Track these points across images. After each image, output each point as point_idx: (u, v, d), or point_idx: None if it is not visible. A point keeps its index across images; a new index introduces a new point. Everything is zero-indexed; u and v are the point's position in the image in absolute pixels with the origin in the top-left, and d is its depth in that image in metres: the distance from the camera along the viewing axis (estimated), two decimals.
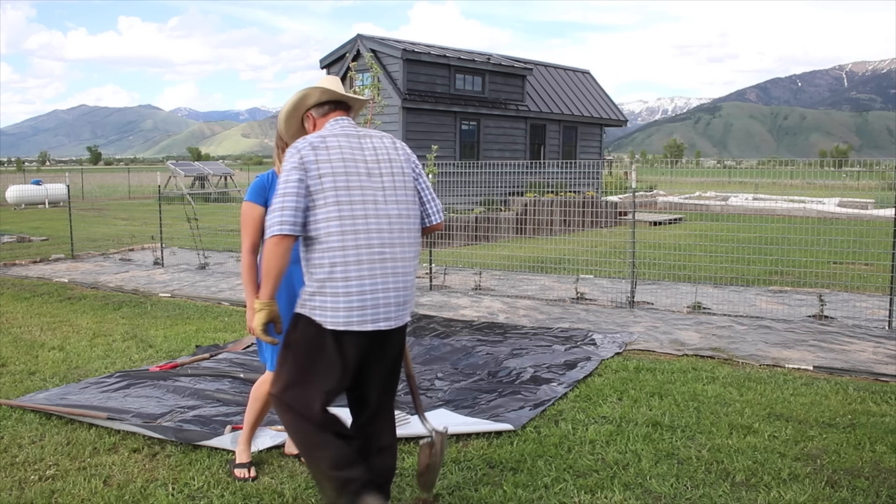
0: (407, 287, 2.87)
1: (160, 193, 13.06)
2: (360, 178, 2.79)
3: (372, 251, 2.74)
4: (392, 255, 2.80)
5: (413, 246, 2.90)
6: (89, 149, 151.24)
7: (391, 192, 2.85)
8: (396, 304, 2.81)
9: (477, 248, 13.08)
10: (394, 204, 2.85)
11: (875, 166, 25.21)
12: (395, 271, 2.81)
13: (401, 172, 2.91)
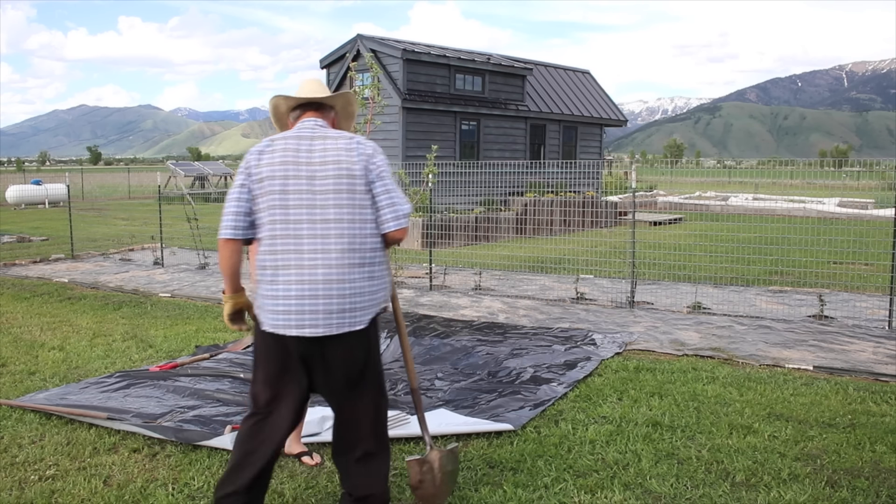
0: (342, 294, 2.71)
1: (160, 193, 13.06)
2: (299, 180, 2.74)
3: (301, 256, 2.70)
4: (325, 260, 2.70)
5: (354, 252, 2.74)
6: (89, 149, 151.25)
7: (333, 196, 2.73)
8: (326, 312, 2.69)
9: (477, 248, 13.08)
10: (334, 208, 2.73)
11: (875, 166, 25.23)
12: (326, 278, 2.69)
13: (347, 175, 2.75)
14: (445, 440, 4.09)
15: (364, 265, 2.77)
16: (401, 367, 5.78)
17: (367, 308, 2.78)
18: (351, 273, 2.72)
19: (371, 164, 2.81)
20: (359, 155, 2.80)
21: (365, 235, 2.78)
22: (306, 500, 3.45)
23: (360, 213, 2.77)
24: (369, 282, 2.79)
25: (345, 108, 3.12)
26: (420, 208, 10.97)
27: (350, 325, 2.74)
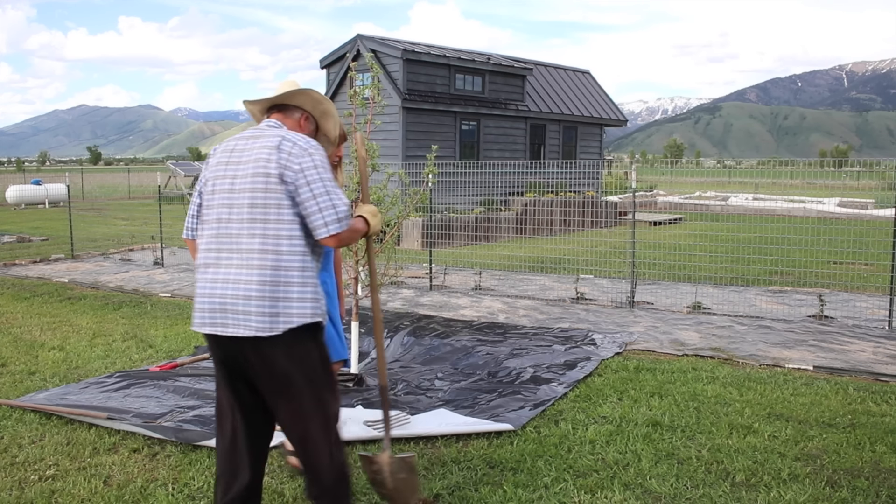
0: (248, 297, 2.61)
1: (160, 193, 13.06)
2: (224, 181, 2.73)
3: (219, 255, 2.70)
4: (229, 260, 2.67)
5: (265, 254, 2.63)
6: (89, 149, 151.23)
7: (248, 196, 2.67)
8: (233, 313, 2.64)
9: (477, 248, 13.08)
10: (246, 208, 2.66)
11: (875, 166, 25.22)
12: (236, 278, 2.64)
13: (263, 174, 2.65)
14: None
15: (279, 268, 2.64)
16: (401, 367, 5.79)
17: (279, 314, 2.62)
18: (262, 275, 2.62)
19: (292, 165, 2.65)
20: (279, 153, 2.67)
21: (280, 237, 2.65)
22: (306, 500, 3.45)
23: (275, 214, 2.65)
24: (284, 287, 2.64)
25: (315, 108, 2.96)
26: (420, 208, 10.97)
27: (257, 329, 2.61)
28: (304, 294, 2.67)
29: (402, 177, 5.70)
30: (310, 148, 2.72)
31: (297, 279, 2.66)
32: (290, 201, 2.66)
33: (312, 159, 2.68)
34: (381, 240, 5.60)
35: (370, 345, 6.35)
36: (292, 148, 2.69)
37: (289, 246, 2.66)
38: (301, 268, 2.67)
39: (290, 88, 2.91)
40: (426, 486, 3.54)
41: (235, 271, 2.65)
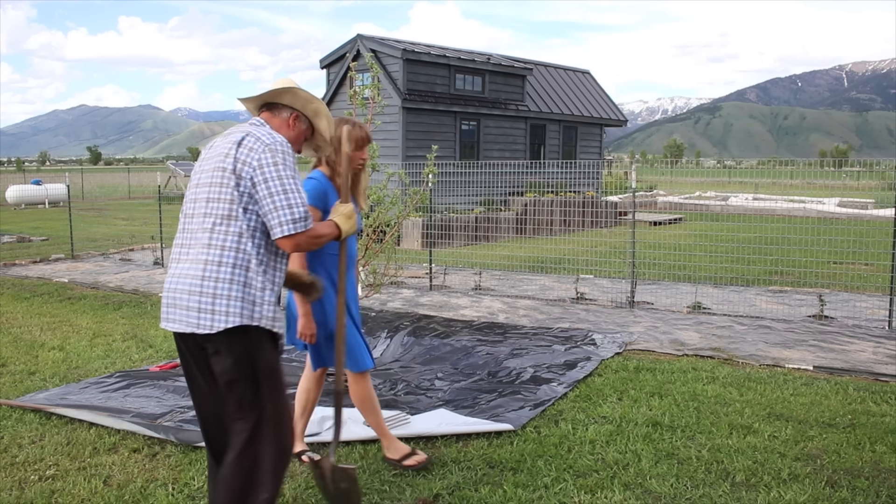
0: (192, 292, 2.59)
1: (160, 193, 13.06)
2: (194, 177, 2.75)
3: (180, 251, 2.70)
4: (183, 256, 2.67)
5: (212, 249, 2.59)
6: (89, 149, 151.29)
7: (206, 191, 2.65)
8: (181, 308, 2.62)
9: (477, 248, 13.08)
10: (203, 203, 2.64)
11: (875, 166, 25.23)
12: (184, 272, 2.63)
13: (221, 170, 2.62)
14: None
15: (221, 265, 2.58)
16: (401, 367, 5.79)
17: (219, 313, 2.56)
18: (205, 271, 2.57)
19: (250, 161, 2.59)
20: (238, 149, 2.62)
21: (227, 234, 2.59)
22: (306, 500, 3.45)
23: (226, 210, 2.60)
24: (227, 285, 2.57)
25: (305, 107, 2.87)
26: (420, 208, 10.97)
27: (196, 326, 2.58)
28: (245, 294, 2.59)
29: (402, 177, 5.70)
30: (272, 144, 2.63)
31: (239, 278, 2.58)
32: (246, 198, 2.60)
33: (273, 156, 2.60)
34: (380, 240, 5.60)
35: (370, 345, 6.35)
36: (253, 143, 2.62)
37: (235, 243, 2.59)
38: (245, 267, 2.60)
39: (282, 86, 2.84)
40: (426, 486, 3.54)
41: (185, 266, 2.64)
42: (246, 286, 2.60)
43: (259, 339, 2.64)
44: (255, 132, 2.67)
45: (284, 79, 2.93)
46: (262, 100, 2.85)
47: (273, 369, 2.70)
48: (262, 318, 2.62)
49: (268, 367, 2.68)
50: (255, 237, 2.62)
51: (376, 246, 5.49)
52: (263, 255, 2.65)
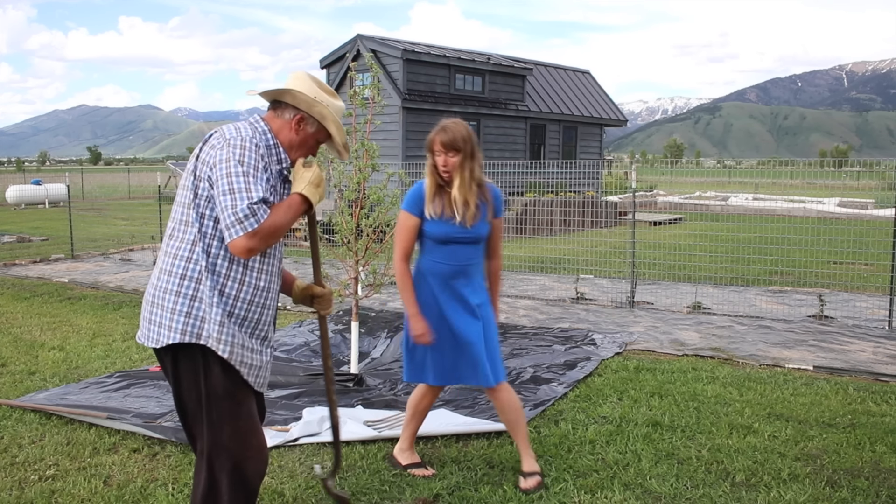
0: (148, 301, 2.45)
1: (160, 193, 13.07)
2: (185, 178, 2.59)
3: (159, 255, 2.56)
4: (158, 263, 2.52)
5: (169, 257, 2.42)
6: (89, 149, 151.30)
7: (180, 192, 2.48)
8: (142, 319, 2.50)
9: None
10: (176, 205, 2.49)
11: (875, 166, 25.23)
12: (151, 281, 2.50)
13: (185, 173, 2.47)
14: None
15: (172, 275, 2.40)
16: (400, 367, 5.78)
17: (166, 326, 2.39)
18: (160, 280, 2.42)
19: (209, 159, 2.38)
20: (203, 147, 2.45)
21: (182, 240, 2.41)
22: (306, 500, 3.45)
23: (184, 215, 2.42)
24: (173, 297, 2.38)
25: (310, 110, 2.56)
26: None
27: (147, 338, 2.45)
28: (191, 309, 2.38)
29: (402, 177, 5.69)
30: (232, 139, 2.38)
31: (186, 290, 2.39)
32: (203, 202, 2.39)
33: (228, 151, 2.34)
34: (380, 240, 5.60)
35: (370, 345, 6.35)
36: (216, 140, 2.42)
37: (187, 252, 2.40)
38: (194, 279, 2.39)
39: (291, 81, 2.58)
40: (426, 486, 3.54)
41: (153, 272, 2.52)
42: (193, 300, 2.38)
43: (206, 359, 2.42)
44: (226, 128, 2.46)
45: (298, 73, 2.64)
46: (268, 97, 2.61)
47: (226, 394, 2.46)
48: (209, 337, 2.38)
49: (218, 391, 2.45)
50: (212, 245, 2.40)
51: (376, 246, 5.49)
52: (221, 265, 2.41)
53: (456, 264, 3.41)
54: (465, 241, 3.39)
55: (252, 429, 2.54)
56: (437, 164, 3.34)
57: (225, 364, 2.44)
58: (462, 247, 3.40)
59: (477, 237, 3.41)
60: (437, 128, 3.36)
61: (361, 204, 5.33)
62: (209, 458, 2.50)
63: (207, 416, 2.46)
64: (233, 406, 2.48)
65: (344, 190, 5.39)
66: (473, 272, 3.47)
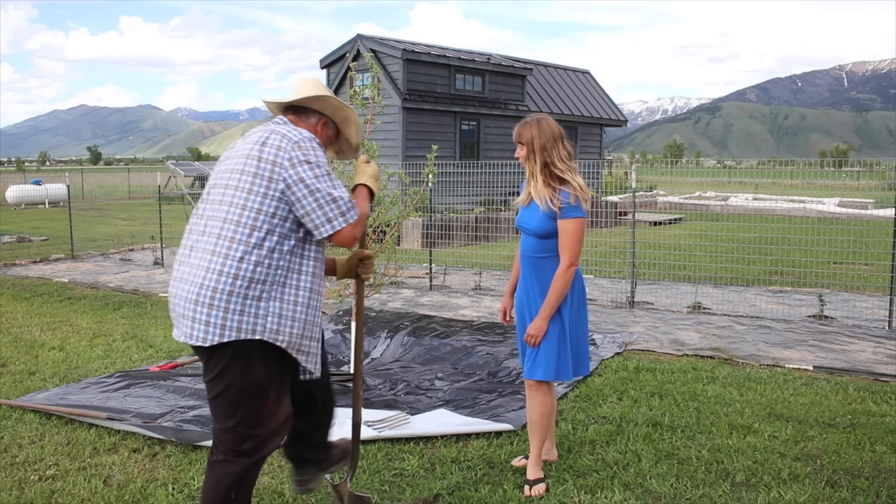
0: (197, 300, 2.43)
1: (160, 193, 13.07)
2: (216, 175, 2.61)
3: (183, 250, 2.58)
4: (190, 259, 2.51)
5: (219, 256, 2.43)
6: (89, 149, 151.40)
7: (221, 192, 2.51)
8: (181, 315, 2.48)
9: (477, 248, 13.07)
10: (217, 204, 2.50)
11: (875, 166, 25.21)
12: (184, 277, 2.49)
13: (242, 171, 2.49)
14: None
15: (226, 274, 2.41)
16: (401, 367, 5.79)
17: (219, 325, 2.41)
18: (208, 280, 2.42)
19: (278, 163, 2.46)
20: (263, 148, 2.49)
21: (234, 240, 2.43)
22: (306, 500, 3.45)
23: (241, 215, 2.45)
24: (230, 297, 2.41)
25: (335, 114, 2.75)
26: (420, 208, 10.97)
27: (192, 336, 2.45)
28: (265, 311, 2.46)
29: (402, 177, 5.70)
30: (300, 140, 2.50)
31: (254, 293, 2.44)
32: (271, 202, 2.45)
33: (304, 153, 2.47)
34: (380, 240, 5.60)
35: (370, 345, 6.35)
36: (280, 142, 2.48)
37: (241, 251, 2.43)
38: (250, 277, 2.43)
39: (309, 87, 2.71)
40: (426, 486, 3.54)
41: (184, 270, 2.51)
42: (247, 298, 2.43)
43: (249, 355, 2.47)
44: (280, 129, 2.54)
45: (311, 79, 2.80)
46: (289, 104, 2.72)
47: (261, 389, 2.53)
48: (265, 331, 2.45)
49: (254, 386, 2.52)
50: (277, 242, 2.46)
51: (376, 246, 5.49)
52: (286, 260, 2.49)
53: (521, 253, 3.57)
54: (525, 231, 3.52)
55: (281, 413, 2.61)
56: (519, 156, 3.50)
57: (266, 359, 2.50)
58: (524, 237, 3.55)
59: (534, 230, 3.44)
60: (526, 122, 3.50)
61: None
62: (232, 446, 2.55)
63: (236, 408, 2.52)
64: (265, 399, 2.55)
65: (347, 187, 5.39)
66: (539, 265, 3.48)
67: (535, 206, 3.44)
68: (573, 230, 3.36)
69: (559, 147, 3.42)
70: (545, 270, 3.46)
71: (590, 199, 3.43)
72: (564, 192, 3.37)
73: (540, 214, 3.40)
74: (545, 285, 3.44)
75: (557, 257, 3.41)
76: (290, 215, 2.48)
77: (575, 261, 3.38)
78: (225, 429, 2.55)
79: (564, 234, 3.38)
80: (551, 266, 3.44)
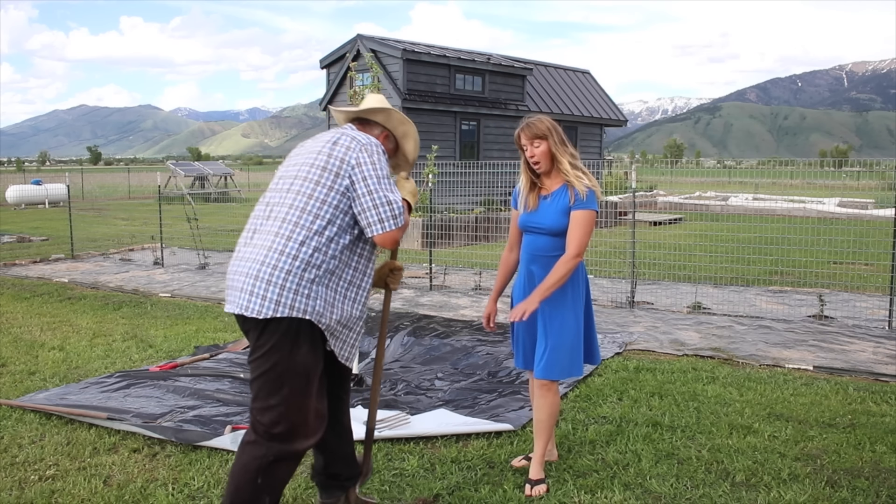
0: (255, 274, 2.58)
1: (160, 193, 13.06)
2: (285, 167, 2.81)
3: (246, 233, 2.75)
4: (254, 240, 2.68)
5: (287, 240, 2.59)
6: (89, 149, 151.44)
7: (290, 182, 2.71)
8: (239, 289, 2.63)
9: (477, 248, 13.07)
10: (285, 192, 2.70)
11: (875, 166, 25.19)
12: (246, 256, 2.66)
13: (307, 167, 2.70)
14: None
15: (287, 255, 2.58)
16: (401, 367, 5.79)
17: (274, 300, 2.56)
18: (269, 258, 2.58)
19: (346, 160, 2.67)
20: (334, 147, 2.72)
21: (299, 225, 2.61)
22: (306, 500, 3.45)
23: (308, 204, 2.64)
24: (287, 275, 2.57)
25: (397, 129, 2.99)
26: (420, 208, 10.97)
27: (246, 308, 2.58)
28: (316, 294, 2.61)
29: None
30: (368, 144, 2.73)
31: (309, 277, 2.59)
32: (335, 196, 2.65)
33: (370, 155, 2.69)
34: None
35: (370, 345, 6.35)
36: (349, 143, 2.72)
37: (305, 237, 2.60)
38: (309, 262, 2.59)
39: (375, 101, 2.96)
40: (426, 486, 3.54)
41: (247, 251, 2.68)
42: (303, 279, 2.58)
43: (298, 336, 2.60)
44: (350, 133, 2.77)
45: (377, 96, 3.03)
46: (355, 115, 2.96)
47: (305, 371, 2.65)
48: (315, 312, 2.59)
49: (298, 368, 2.63)
50: (337, 234, 2.65)
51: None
52: (343, 252, 2.67)
53: (530, 254, 3.54)
54: (537, 232, 3.49)
55: (317, 408, 2.73)
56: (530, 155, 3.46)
57: (314, 343, 2.65)
58: (533, 238, 3.52)
59: (548, 228, 3.43)
60: (520, 124, 3.49)
61: None
62: (265, 424, 2.64)
63: (279, 387, 2.63)
64: (307, 385, 2.66)
65: None
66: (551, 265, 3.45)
67: (546, 204, 3.45)
68: (585, 220, 3.37)
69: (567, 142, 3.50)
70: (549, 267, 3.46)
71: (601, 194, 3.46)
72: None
73: (555, 211, 3.41)
74: None
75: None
76: (351, 211, 2.67)
77: (581, 252, 3.37)
78: (264, 408, 2.64)
79: (576, 223, 3.37)
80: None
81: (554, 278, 3.34)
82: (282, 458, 2.67)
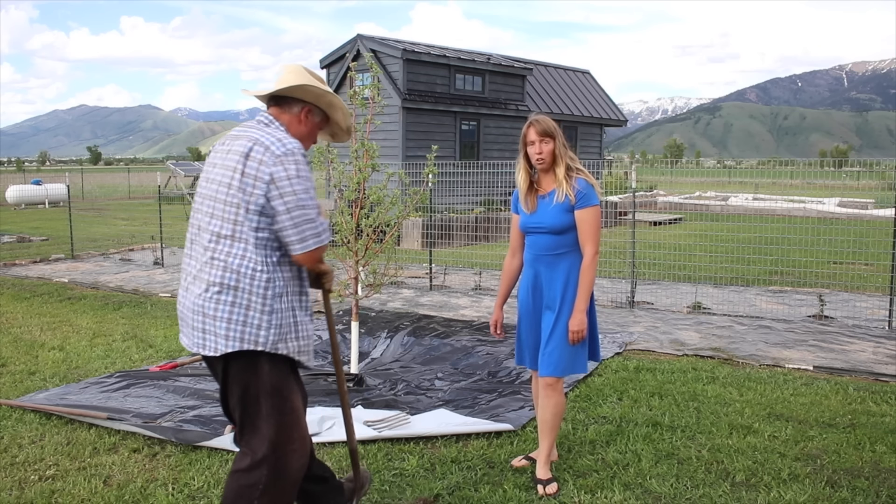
0: (194, 310, 2.53)
1: (160, 193, 13.07)
2: (205, 184, 2.63)
3: (188, 262, 2.63)
4: (188, 268, 2.60)
5: (213, 268, 2.50)
6: (89, 149, 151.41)
7: (211, 203, 2.56)
8: (191, 327, 2.56)
9: (477, 248, 13.07)
10: (207, 215, 2.55)
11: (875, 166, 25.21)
12: (187, 287, 2.58)
13: (228, 182, 2.51)
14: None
15: (225, 287, 2.48)
16: (401, 367, 5.79)
17: (222, 336, 2.48)
18: (209, 292, 2.49)
19: (259, 177, 2.48)
20: (248, 162, 2.50)
21: (229, 253, 2.49)
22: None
23: (229, 229, 2.50)
24: (231, 307, 2.48)
25: (318, 101, 2.74)
26: (420, 208, 10.97)
27: (201, 346, 2.53)
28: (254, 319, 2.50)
29: (402, 177, 5.70)
30: (283, 155, 2.49)
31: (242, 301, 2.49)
32: (254, 216, 2.49)
33: (285, 168, 2.48)
34: (380, 240, 5.60)
35: (370, 345, 6.35)
36: (262, 155, 2.49)
37: (237, 265, 2.49)
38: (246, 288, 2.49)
39: (291, 75, 2.69)
40: (426, 486, 3.54)
41: (188, 282, 2.59)
42: (248, 308, 2.49)
43: (256, 360, 2.54)
44: (264, 140, 2.52)
45: (293, 66, 2.76)
46: (281, 94, 2.70)
47: (274, 390, 2.59)
48: (267, 342, 2.51)
49: (267, 388, 2.58)
50: (267, 254, 2.52)
51: (376, 246, 5.49)
52: (275, 270, 2.54)
53: (533, 254, 3.55)
54: (539, 232, 3.49)
55: (296, 422, 2.66)
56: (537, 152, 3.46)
57: (272, 363, 2.57)
58: (535, 238, 3.52)
59: (550, 227, 3.44)
60: (528, 121, 3.50)
61: (361, 204, 5.33)
62: (253, 450, 2.59)
63: (255, 412, 2.58)
64: (279, 402, 2.60)
65: (344, 190, 5.40)
66: (554, 263, 3.48)
67: (545, 204, 3.46)
68: (593, 218, 3.42)
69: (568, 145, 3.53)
70: (560, 267, 3.48)
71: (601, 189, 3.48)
72: (580, 180, 3.44)
73: (555, 210, 3.43)
74: (560, 281, 3.46)
75: (574, 252, 3.45)
76: (271, 227, 2.53)
77: (598, 248, 3.42)
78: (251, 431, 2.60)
79: (585, 223, 3.41)
80: (567, 261, 3.47)
81: (587, 284, 3.41)
82: (274, 481, 2.58)
